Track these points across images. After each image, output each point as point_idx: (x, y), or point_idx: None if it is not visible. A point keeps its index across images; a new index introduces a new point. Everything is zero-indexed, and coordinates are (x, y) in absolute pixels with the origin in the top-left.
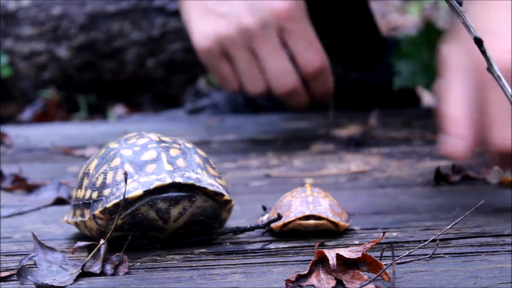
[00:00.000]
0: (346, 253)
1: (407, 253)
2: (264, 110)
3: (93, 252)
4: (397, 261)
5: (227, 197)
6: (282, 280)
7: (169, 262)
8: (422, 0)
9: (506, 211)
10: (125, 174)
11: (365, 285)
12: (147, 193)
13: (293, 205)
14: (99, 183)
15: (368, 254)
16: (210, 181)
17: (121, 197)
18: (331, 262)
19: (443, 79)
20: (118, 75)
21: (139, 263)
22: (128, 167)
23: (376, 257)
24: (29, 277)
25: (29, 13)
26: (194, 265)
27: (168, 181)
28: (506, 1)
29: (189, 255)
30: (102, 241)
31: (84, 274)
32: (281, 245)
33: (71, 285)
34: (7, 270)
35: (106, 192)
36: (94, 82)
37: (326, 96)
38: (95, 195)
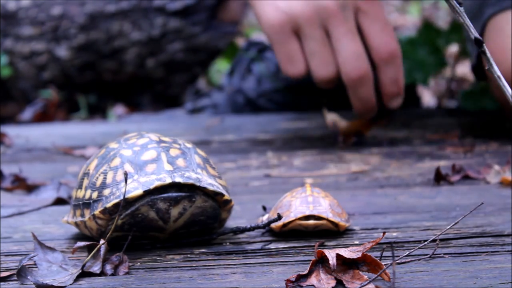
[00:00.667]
0: (346, 253)
1: (407, 253)
2: (264, 110)
3: (93, 252)
4: (397, 261)
5: (227, 197)
6: (282, 280)
7: (169, 262)
8: (422, 0)
9: (506, 211)
10: (125, 174)
11: (365, 285)
12: (147, 193)
13: (293, 205)
14: (99, 183)
15: (368, 254)
16: (210, 181)
17: (121, 197)
18: (331, 262)
19: None
20: (118, 75)
21: (139, 263)
22: (128, 167)
23: (376, 257)
24: (29, 277)
25: (29, 13)
26: (194, 265)
27: (168, 181)
28: None
29: (189, 255)
30: (102, 241)
31: (84, 274)
32: (281, 245)
33: (71, 285)
34: (7, 270)
35: (106, 192)
36: (94, 82)
37: (396, 89)
38: (95, 195)
